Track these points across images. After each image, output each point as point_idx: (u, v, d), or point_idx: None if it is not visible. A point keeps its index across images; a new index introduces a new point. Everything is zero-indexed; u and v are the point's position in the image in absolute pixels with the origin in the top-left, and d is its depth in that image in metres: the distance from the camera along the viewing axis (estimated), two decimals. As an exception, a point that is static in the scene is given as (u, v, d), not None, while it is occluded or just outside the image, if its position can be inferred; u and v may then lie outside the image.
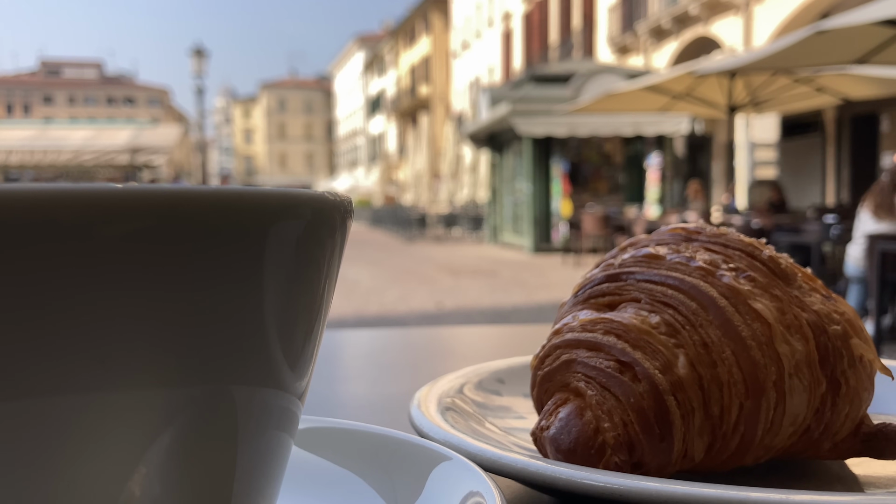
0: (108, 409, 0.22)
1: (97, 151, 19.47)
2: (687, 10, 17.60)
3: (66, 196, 0.21)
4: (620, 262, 0.49)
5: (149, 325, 0.22)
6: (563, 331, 0.47)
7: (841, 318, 0.46)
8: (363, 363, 0.94)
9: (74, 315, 0.21)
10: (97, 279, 0.21)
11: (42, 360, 0.21)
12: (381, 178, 49.41)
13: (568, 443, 0.43)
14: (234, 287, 0.24)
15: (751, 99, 8.52)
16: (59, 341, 0.21)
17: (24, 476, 0.22)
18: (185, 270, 0.23)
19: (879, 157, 14.43)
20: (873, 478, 0.46)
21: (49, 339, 0.21)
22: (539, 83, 16.54)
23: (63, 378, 0.21)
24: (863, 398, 0.47)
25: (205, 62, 27.58)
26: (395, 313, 7.80)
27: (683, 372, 0.43)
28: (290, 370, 0.27)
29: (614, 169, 16.53)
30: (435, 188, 32.50)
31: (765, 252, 0.48)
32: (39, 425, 0.22)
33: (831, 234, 6.33)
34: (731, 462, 0.45)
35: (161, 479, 0.24)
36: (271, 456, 0.28)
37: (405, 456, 0.37)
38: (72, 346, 0.21)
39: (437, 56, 44.33)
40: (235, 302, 0.24)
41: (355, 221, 12.82)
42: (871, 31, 5.55)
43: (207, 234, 0.23)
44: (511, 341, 1.07)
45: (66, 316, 0.21)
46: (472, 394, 0.57)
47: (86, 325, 0.21)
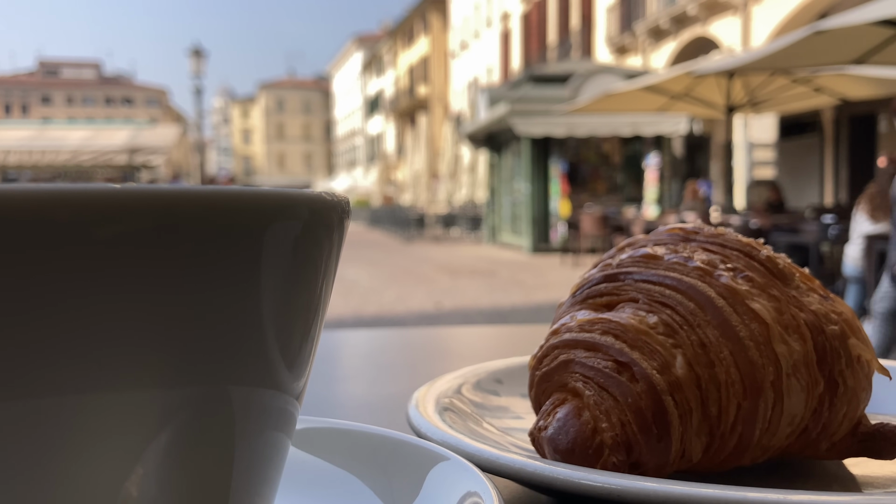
0: (105, 409, 0.22)
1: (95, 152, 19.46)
2: (685, 10, 17.61)
3: (62, 196, 0.21)
4: (618, 263, 0.49)
5: (145, 325, 0.22)
6: (561, 331, 0.47)
7: (839, 318, 0.46)
8: (361, 363, 0.94)
9: (70, 315, 0.21)
10: (93, 279, 0.21)
11: (38, 361, 0.21)
12: (380, 179, 49.39)
13: (566, 443, 0.43)
14: (231, 287, 0.24)
15: (749, 99, 8.52)
16: (55, 342, 0.21)
17: (22, 477, 0.22)
18: (182, 271, 0.23)
19: (877, 158, 14.43)
20: (871, 478, 0.46)
21: (45, 340, 0.21)
22: (537, 83, 16.54)
23: (59, 379, 0.21)
24: (860, 398, 0.47)
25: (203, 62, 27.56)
26: (393, 313, 7.80)
27: (681, 372, 0.43)
28: (287, 370, 0.27)
29: (612, 169, 16.54)
30: (433, 188, 32.51)
31: (763, 252, 0.48)
32: (36, 426, 0.22)
33: (829, 234, 6.34)
34: (728, 462, 0.45)
35: (158, 479, 0.24)
36: (269, 456, 0.28)
37: (403, 456, 0.37)
38: (68, 347, 0.21)
39: (436, 56, 44.33)
40: (232, 302, 0.24)
41: (353, 221, 12.72)
42: (870, 32, 5.55)
43: (204, 234, 0.23)
44: (509, 341, 1.07)
45: (62, 316, 0.21)
46: (470, 394, 0.57)
47: (82, 325, 0.21)
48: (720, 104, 8.47)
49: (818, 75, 7.66)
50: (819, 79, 7.90)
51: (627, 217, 12.30)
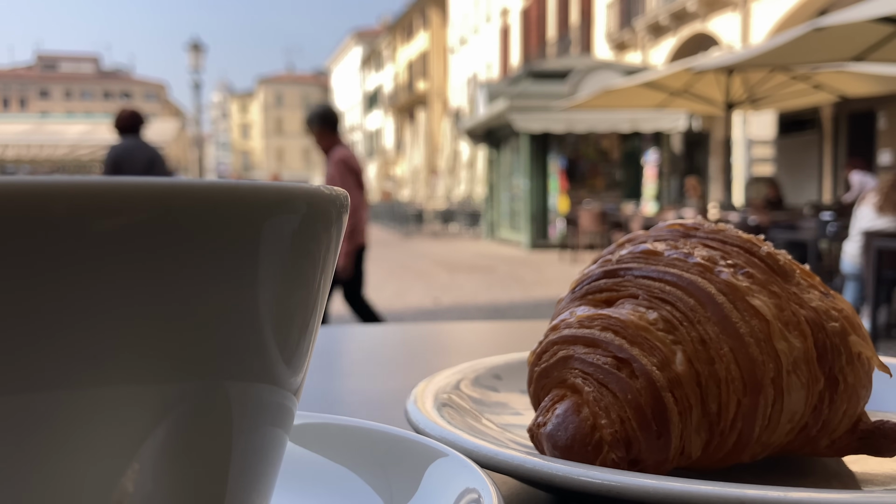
0: (101, 404, 0.22)
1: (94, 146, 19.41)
2: (685, 6, 17.60)
3: (58, 188, 0.20)
4: (618, 259, 0.49)
5: (141, 319, 0.22)
6: (560, 327, 0.47)
7: (839, 314, 0.46)
8: (359, 359, 0.94)
9: (66, 309, 0.21)
10: (89, 272, 0.21)
11: (33, 356, 0.21)
12: (379, 174, 49.38)
13: (565, 439, 0.42)
14: (228, 281, 0.24)
15: (748, 96, 8.52)
16: (50, 336, 0.21)
17: (16, 472, 0.22)
18: (178, 264, 0.22)
19: (876, 155, 14.45)
20: (871, 475, 0.46)
21: (41, 334, 0.21)
22: (536, 79, 16.53)
23: (55, 374, 0.21)
24: (860, 395, 0.46)
25: (202, 57, 27.53)
26: (391, 309, 7.80)
27: (681, 368, 0.42)
28: (285, 365, 0.27)
29: (611, 165, 16.54)
30: (432, 184, 32.49)
31: (763, 248, 0.47)
32: (31, 421, 0.21)
33: (828, 230, 6.34)
34: (728, 459, 0.45)
35: (155, 475, 0.24)
36: (266, 452, 0.28)
37: (401, 452, 0.37)
38: (63, 341, 0.21)
39: (435, 52, 44.29)
40: (230, 296, 0.24)
41: (352, 217, 12.71)
42: (869, 29, 5.55)
43: (201, 227, 0.23)
44: (508, 337, 1.06)
45: (58, 310, 0.21)
46: (469, 390, 0.57)
47: (77, 319, 0.21)
48: (719, 101, 8.47)
49: (817, 72, 7.65)
50: (818, 76, 7.90)
51: (626, 213, 12.31)
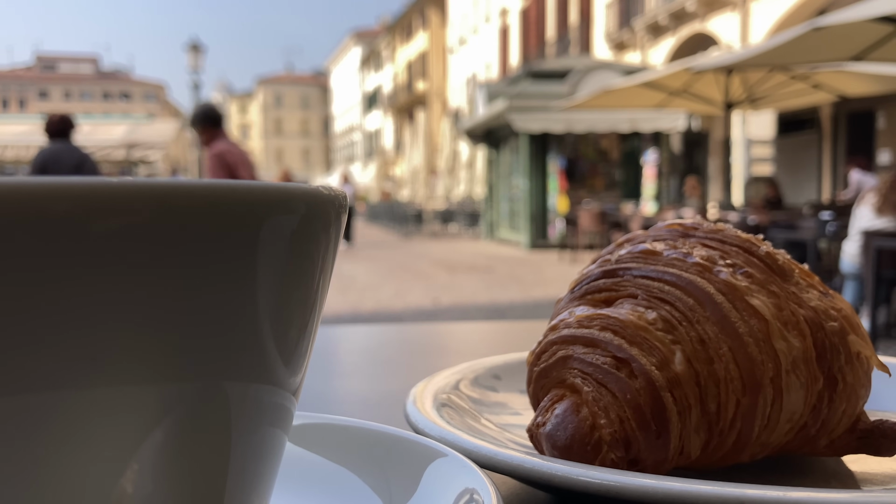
0: (100, 405, 0.22)
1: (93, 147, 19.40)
2: (684, 6, 17.60)
3: (58, 188, 0.20)
4: (617, 258, 0.49)
5: (140, 319, 0.22)
6: (559, 327, 0.47)
7: (838, 314, 0.46)
8: (359, 359, 0.94)
9: (64, 309, 0.21)
10: (88, 273, 0.21)
11: (33, 356, 0.21)
12: (378, 174, 49.38)
13: (564, 439, 0.42)
14: (227, 281, 0.24)
15: (747, 95, 8.52)
16: (50, 337, 0.21)
17: (16, 472, 0.22)
18: (177, 264, 0.22)
19: (875, 154, 14.46)
20: (870, 475, 0.46)
21: (40, 335, 0.21)
22: (536, 79, 16.52)
23: (53, 374, 0.21)
24: (860, 395, 0.46)
25: (201, 57, 27.50)
26: (391, 309, 7.80)
27: (680, 368, 0.42)
28: (284, 366, 0.27)
29: (611, 165, 16.53)
30: (431, 184, 32.48)
31: (762, 248, 0.47)
32: (31, 422, 0.21)
33: (827, 230, 6.34)
34: (727, 459, 0.45)
35: (154, 475, 0.24)
36: (265, 452, 0.28)
37: (400, 452, 0.37)
38: (62, 342, 0.21)
39: (434, 52, 44.29)
40: (228, 296, 0.24)
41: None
42: (868, 28, 5.55)
43: (200, 227, 0.23)
44: (507, 337, 1.06)
45: (57, 310, 0.21)
46: (468, 390, 0.56)
47: (77, 319, 0.21)
48: (718, 100, 8.47)
49: (816, 72, 7.66)
50: (817, 75, 7.90)
51: (625, 213, 12.31)
